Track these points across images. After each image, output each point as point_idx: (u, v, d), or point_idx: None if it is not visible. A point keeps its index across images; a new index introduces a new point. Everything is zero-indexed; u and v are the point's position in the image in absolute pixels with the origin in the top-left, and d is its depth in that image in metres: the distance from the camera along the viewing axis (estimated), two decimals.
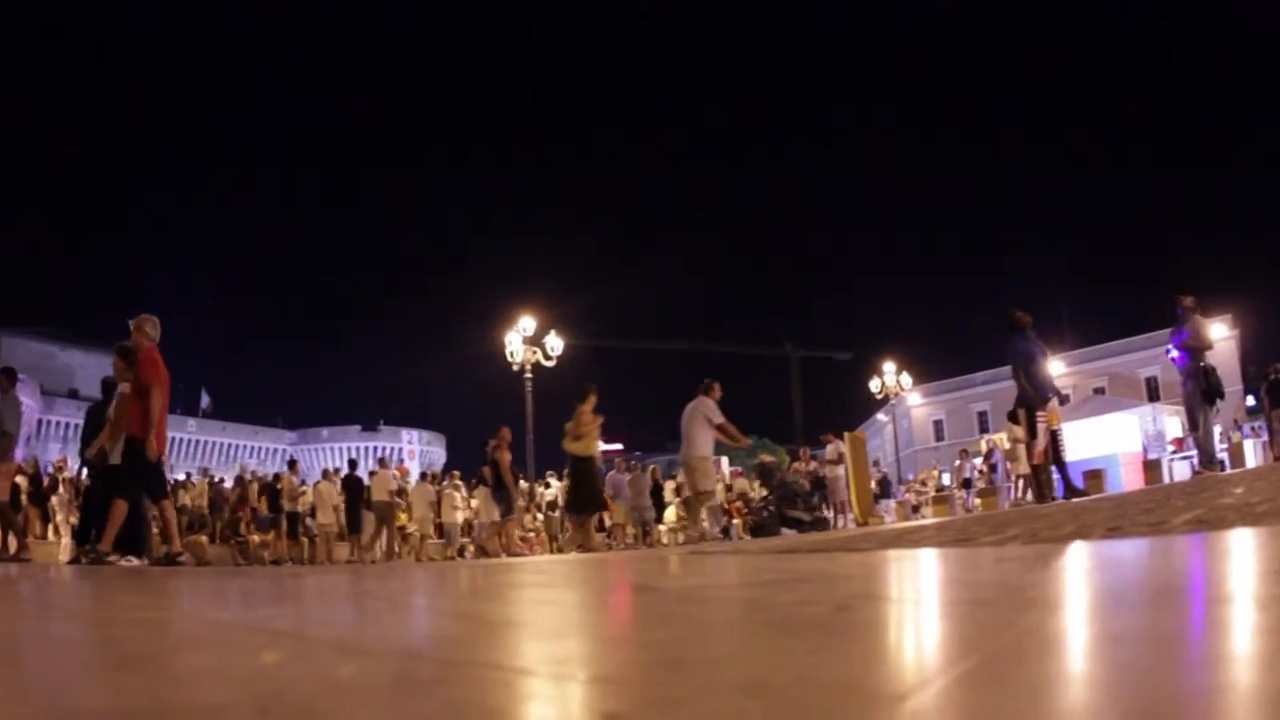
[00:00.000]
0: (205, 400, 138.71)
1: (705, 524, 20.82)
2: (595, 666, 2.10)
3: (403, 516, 31.14)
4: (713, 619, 3.20)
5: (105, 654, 2.65)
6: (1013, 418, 20.94)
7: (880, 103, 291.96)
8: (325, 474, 31.71)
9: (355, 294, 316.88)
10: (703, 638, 2.64)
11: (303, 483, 33.24)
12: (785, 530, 22.19)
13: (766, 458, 24.29)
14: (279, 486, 31.86)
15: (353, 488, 30.27)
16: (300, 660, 2.35)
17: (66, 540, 24.98)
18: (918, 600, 3.53)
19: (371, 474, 32.75)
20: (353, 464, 33.52)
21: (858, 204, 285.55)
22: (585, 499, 21.05)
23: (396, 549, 29.90)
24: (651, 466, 34.22)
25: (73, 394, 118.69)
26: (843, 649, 2.18)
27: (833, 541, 8.98)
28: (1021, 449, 21.01)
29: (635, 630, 3.02)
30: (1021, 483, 27.12)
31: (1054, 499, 17.81)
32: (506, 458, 24.18)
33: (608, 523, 30.99)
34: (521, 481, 32.92)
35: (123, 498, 14.30)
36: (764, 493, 26.23)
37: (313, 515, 30.42)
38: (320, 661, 2.33)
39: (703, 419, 19.94)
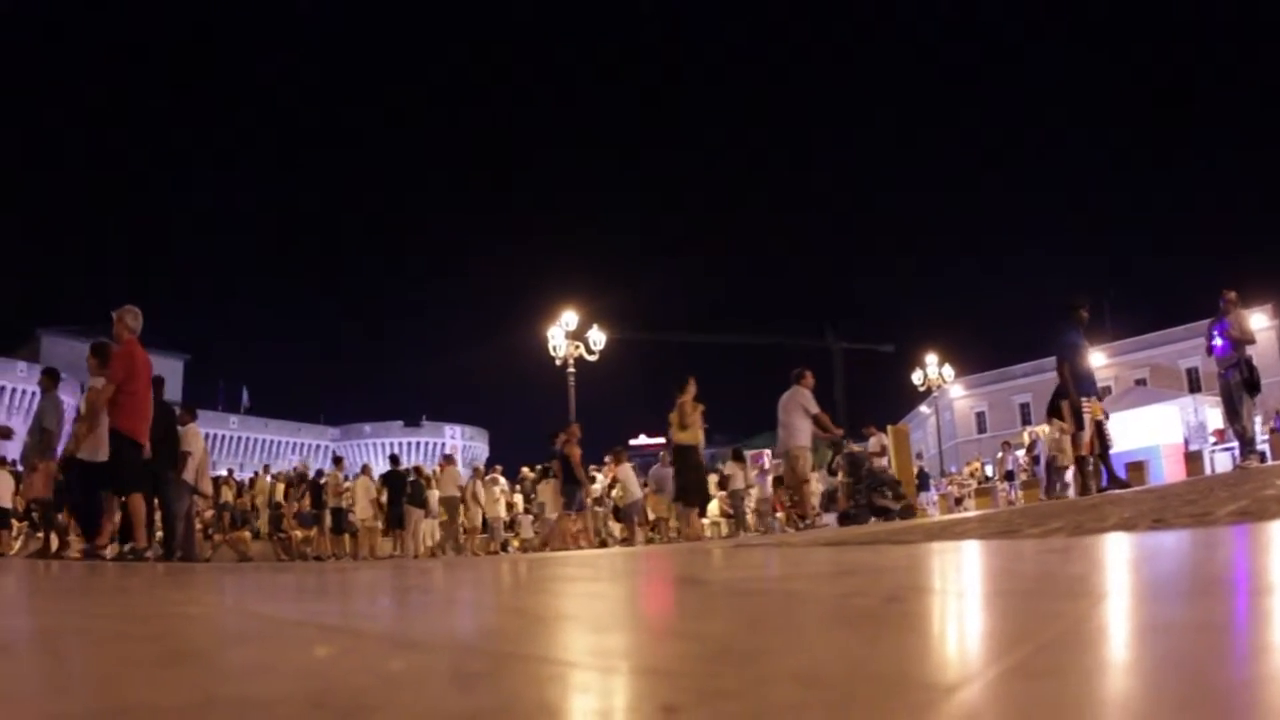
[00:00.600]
0: (246, 398, 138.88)
1: (814, 513, 21.11)
2: (647, 659, 2.10)
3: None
4: (763, 611, 3.20)
5: (152, 649, 2.61)
6: (1054, 410, 20.74)
7: (922, 93, 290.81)
8: (365, 469, 31.70)
9: (398, 290, 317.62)
10: (754, 630, 2.64)
11: (346, 478, 33.25)
12: (874, 519, 22.28)
13: (855, 447, 24.11)
14: (322, 482, 31.91)
15: (394, 483, 30.27)
16: (351, 654, 2.35)
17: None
18: (965, 592, 3.52)
19: (438, 469, 32.85)
20: (394, 459, 33.55)
21: (900, 196, 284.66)
22: (693, 487, 21.20)
23: (461, 544, 29.91)
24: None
25: None
26: (894, 640, 2.19)
27: (878, 534, 8.95)
28: (1068, 441, 20.89)
29: (685, 622, 3.03)
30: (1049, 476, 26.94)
31: (1099, 490, 17.80)
32: (577, 453, 24.32)
33: (651, 516, 30.98)
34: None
35: (135, 492, 14.90)
36: (844, 481, 26.23)
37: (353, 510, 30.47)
38: (371, 655, 2.34)
39: (800, 408, 20.15)
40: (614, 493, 29.56)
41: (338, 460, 33.87)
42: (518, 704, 1.57)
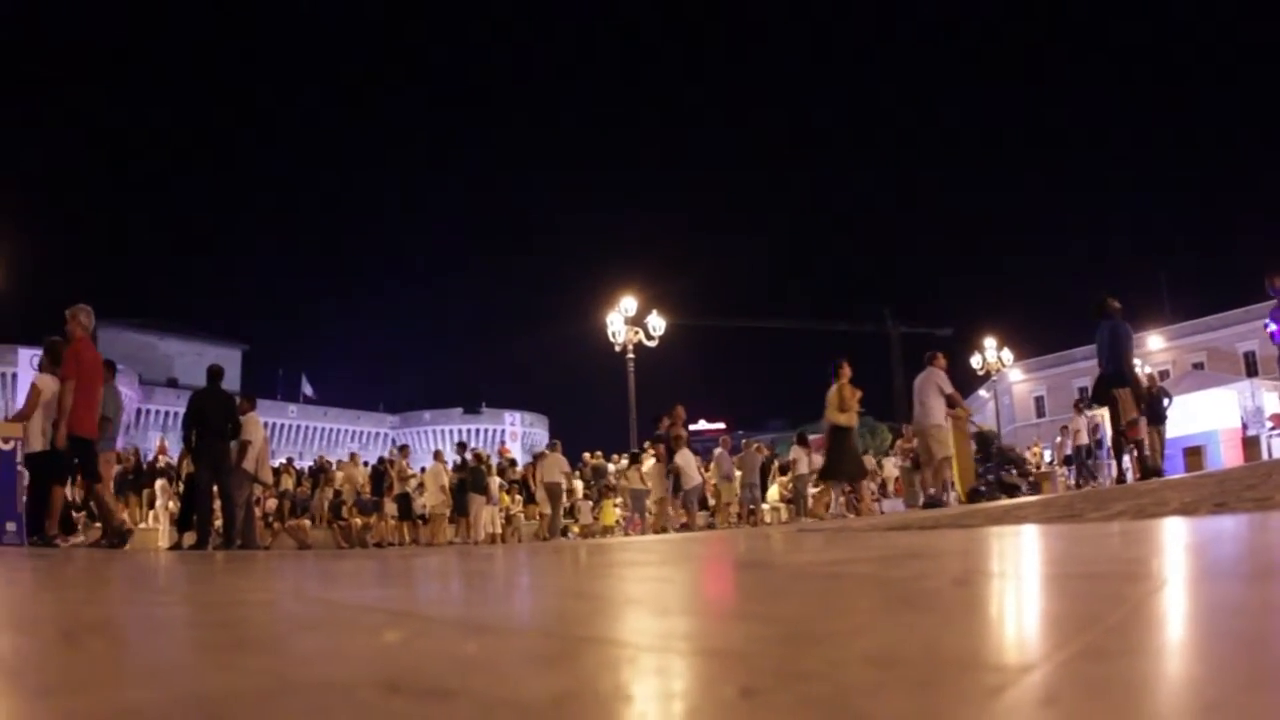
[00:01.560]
0: (306, 387, 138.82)
1: (933, 490, 21.21)
2: (720, 641, 2.12)
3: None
4: (832, 594, 3.21)
5: (222, 636, 2.64)
6: (1102, 400, 20.83)
7: (984, 75, 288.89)
8: (438, 455, 31.71)
9: (457, 277, 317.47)
10: (825, 612, 2.66)
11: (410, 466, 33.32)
12: (1003, 495, 22.37)
13: (985, 427, 24.13)
14: (383, 469, 31.99)
15: (475, 472, 30.24)
16: (422, 639, 2.37)
17: (166, 526, 25.19)
18: (1032, 575, 3.53)
19: (539, 456, 32.91)
20: (462, 446, 33.62)
21: (958, 179, 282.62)
22: (851, 467, 21.67)
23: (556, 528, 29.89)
24: (756, 444, 34.02)
25: (171, 383, 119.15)
26: (965, 622, 2.22)
27: (941, 519, 8.93)
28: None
29: (755, 605, 3.05)
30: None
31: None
32: (684, 435, 24.40)
33: (711, 501, 30.90)
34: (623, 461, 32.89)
35: (58, 484, 15.28)
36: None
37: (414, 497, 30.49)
38: (442, 640, 2.37)
39: (935, 388, 20.90)
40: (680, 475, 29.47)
41: (403, 448, 33.87)
42: (595, 687, 1.58)
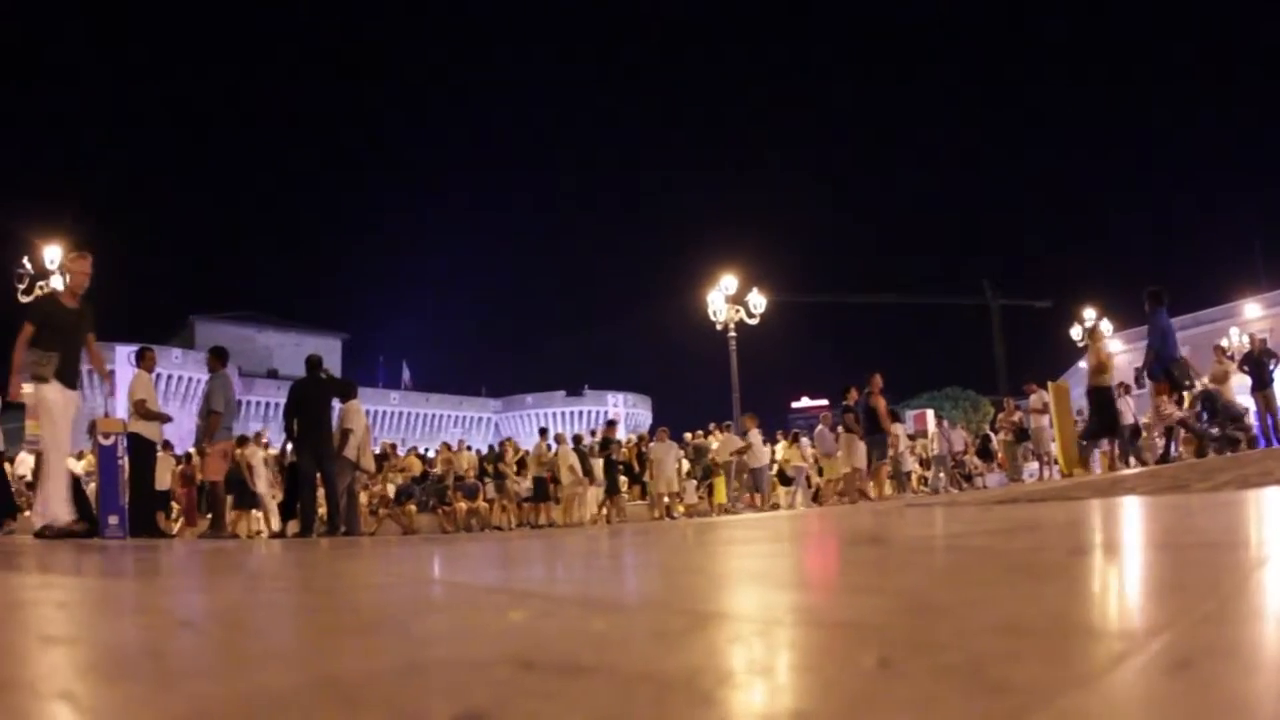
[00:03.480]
0: (406, 374, 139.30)
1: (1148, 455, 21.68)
2: (848, 614, 2.12)
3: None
4: (951, 566, 3.22)
5: (344, 619, 2.66)
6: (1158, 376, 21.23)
7: (1081, 45, 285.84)
8: (559, 438, 31.74)
9: (555, 260, 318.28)
10: (947, 585, 2.67)
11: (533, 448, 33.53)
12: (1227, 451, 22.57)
13: (1209, 384, 24.09)
14: (500, 452, 32.22)
15: (607, 455, 30.32)
16: (548, 618, 2.38)
17: (274, 516, 25.44)
18: (1145, 545, 3.52)
19: (707, 433, 32.94)
20: (611, 424, 33.84)
21: (1056, 148, 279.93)
22: (1108, 424, 21.76)
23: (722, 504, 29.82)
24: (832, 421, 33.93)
25: (271, 374, 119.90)
26: (1086, 591, 2.24)
27: (1049, 491, 8.87)
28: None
29: (877, 579, 3.05)
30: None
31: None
32: (882, 403, 24.44)
33: (814, 481, 30.81)
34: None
35: None
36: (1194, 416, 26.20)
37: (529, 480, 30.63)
38: (569, 618, 2.38)
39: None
40: (744, 457, 29.32)
41: (543, 432, 33.89)
42: (730, 661, 1.59)
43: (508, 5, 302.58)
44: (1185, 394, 21.16)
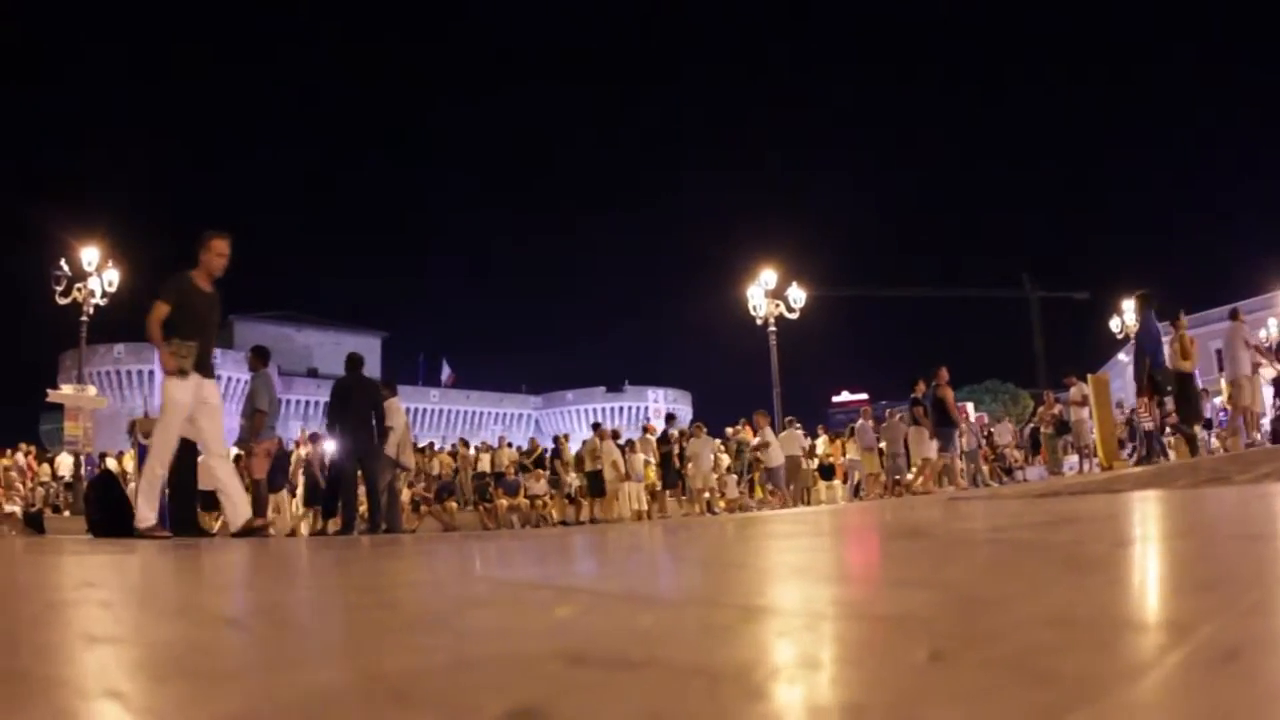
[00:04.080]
0: (446, 371, 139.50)
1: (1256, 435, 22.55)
2: (894, 607, 2.12)
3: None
4: (996, 559, 3.23)
5: (389, 617, 2.62)
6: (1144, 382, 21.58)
7: (1124, 32, 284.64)
8: (600, 432, 31.79)
9: (594, 256, 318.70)
10: (993, 578, 2.68)
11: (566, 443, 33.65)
12: None
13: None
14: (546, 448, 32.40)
15: (664, 448, 30.40)
16: (594, 613, 2.38)
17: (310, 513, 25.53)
18: (1190, 536, 3.52)
19: (786, 424, 32.99)
20: (671, 417, 34.08)
21: (1091, 140, 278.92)
22: (1196, 410, 22.51)
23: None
24: (900, 414, 33.79)
25: (311, 373, 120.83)
26: (1133, 583, 2.24)
27: (1090, 485, 8.85)
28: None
29: (922, 572, 3.06)
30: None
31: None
32: (950, 394, 24.56)
33: (857, 476, 30.83)
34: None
35: None
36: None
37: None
38: (616, 613, 2.37)
39: (1241, 341, 22.52)
40: (761, 454, 29.28)
41: (596, 426, 33.88)
42: (780, 654, 1.60)
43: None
44: (1166, 401, 22.11)
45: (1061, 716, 1.01)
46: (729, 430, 35.81)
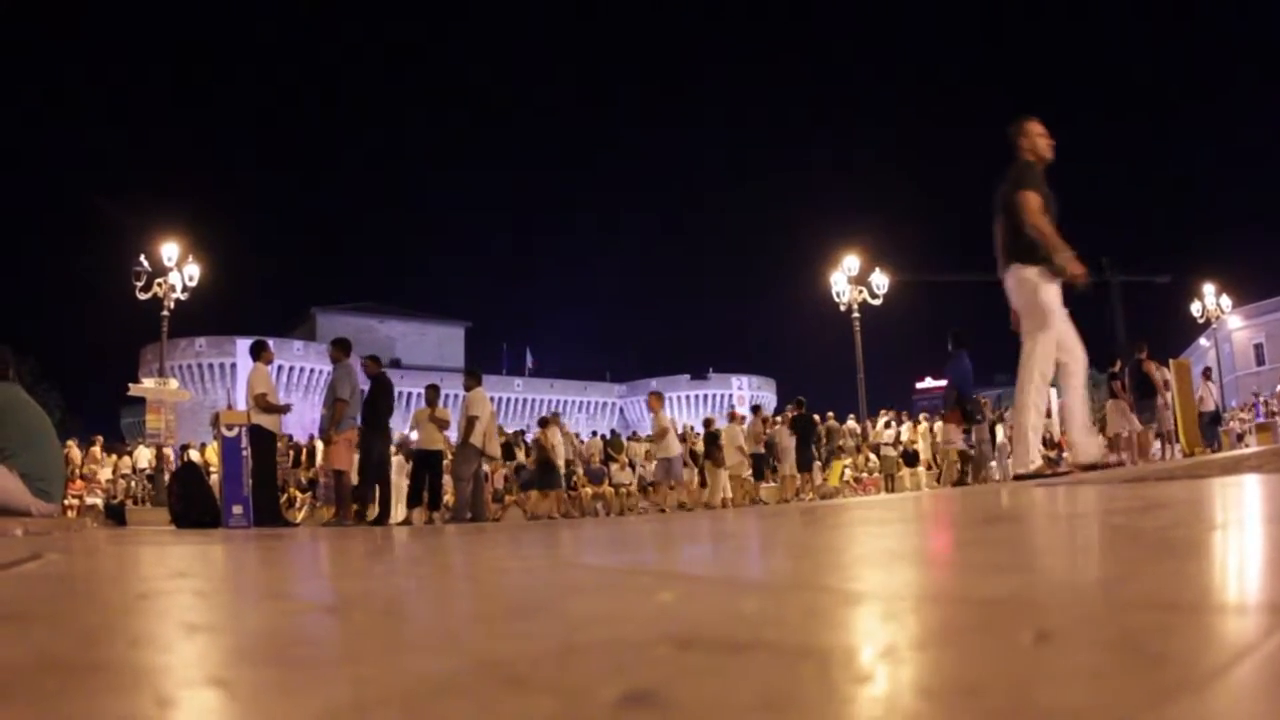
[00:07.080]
0: (530, 360, 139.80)
1: None
2: (991, 591, 2.13)
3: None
4: (1089, 544, 3.23)
5: (491, 604, 2.63)
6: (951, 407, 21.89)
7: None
8: (733, 416, 31.83)
9: (676, 243, 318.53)
10: (1089, 561, 2.69)
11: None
12: None
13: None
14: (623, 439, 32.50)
15: (805, 429, 30.32)
16: (696, 598, 2.39)
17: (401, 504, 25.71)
18: None
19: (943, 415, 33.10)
20: (756, 408, 34.21)
21: (1174, 120, 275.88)
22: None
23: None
24: (983, 400, 33.54)
25: (394, 364, 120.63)
26: (1228, 566, 2.24)
27: (1175, 470, 8.78)
28: None
29: (1015, 557, 3.07)
30: None
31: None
32: (1152, 367, 24.86)
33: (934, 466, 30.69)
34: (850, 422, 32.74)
35: None
36: None
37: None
38: (718, 598, 2.38)
39: None
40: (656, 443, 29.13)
41: (707, 422, 33.98)
42: (887, 637, 1.61)
43: None
44: (974, 428, 23.76)
45: (1177, 697, 1.03)
46: (815, 418, 35.73)
